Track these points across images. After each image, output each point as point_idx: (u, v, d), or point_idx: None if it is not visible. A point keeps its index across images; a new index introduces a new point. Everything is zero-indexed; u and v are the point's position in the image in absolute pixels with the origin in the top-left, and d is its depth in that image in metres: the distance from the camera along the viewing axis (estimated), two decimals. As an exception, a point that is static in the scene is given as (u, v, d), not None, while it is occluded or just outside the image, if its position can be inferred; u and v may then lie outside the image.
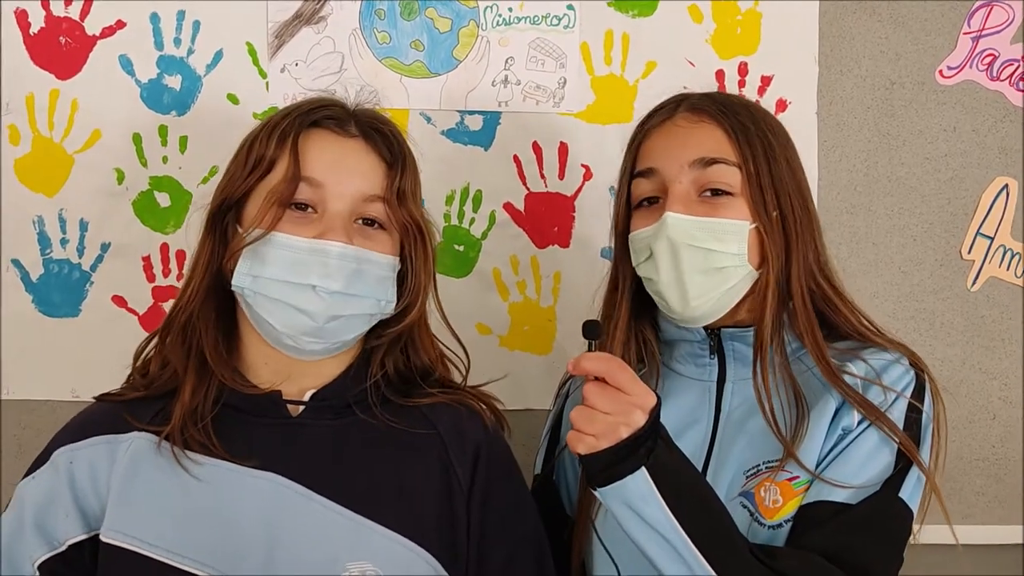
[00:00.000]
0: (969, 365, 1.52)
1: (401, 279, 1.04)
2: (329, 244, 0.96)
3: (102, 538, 0.95)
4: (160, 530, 0.94)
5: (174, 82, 1.40)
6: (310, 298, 0.96)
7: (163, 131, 1.40)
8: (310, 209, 0.99)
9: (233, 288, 0.99)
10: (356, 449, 1.00)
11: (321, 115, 1.02)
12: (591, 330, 0.93)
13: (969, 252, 1.51)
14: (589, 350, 0.93)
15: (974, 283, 1.52)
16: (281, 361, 1.01)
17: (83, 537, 0.96)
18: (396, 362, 1.07)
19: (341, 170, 0.99)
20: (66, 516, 0.96)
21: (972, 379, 1.52)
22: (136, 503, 0.96)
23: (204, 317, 1.01)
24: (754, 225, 1.03)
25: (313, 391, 1.02)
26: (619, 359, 0.92)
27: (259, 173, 0.99)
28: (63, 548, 0.96)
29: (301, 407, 1.01)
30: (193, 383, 1.00)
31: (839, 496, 0.96)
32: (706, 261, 1.02)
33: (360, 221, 1.00)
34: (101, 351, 1.39)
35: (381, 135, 1.03)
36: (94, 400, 1.05)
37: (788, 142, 1.08)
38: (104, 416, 1.01)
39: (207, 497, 0.96)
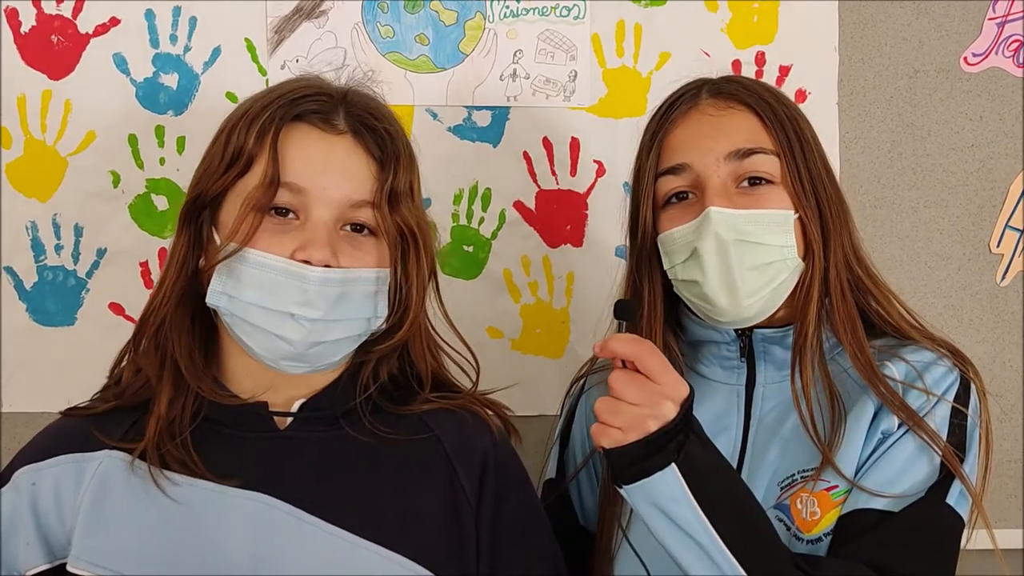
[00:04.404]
0: (999, 363, 1.47)
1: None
2: (309, 269, 0.88)
3: (69, 568, 0.88)
4: (134, 558, 0.87)
5: (171, 81, 1.36)
6: (289, 325, 0.89)
7: (160, 132, 1.36)
8: (291, 215, 0.91)
9: (208, 305, 0.92)
10: (350, 464, 0.93)
11: (305, 107, 0.93)
12: (623, 310, 0.87)
13: (998, 245, 1.47)
14: (619, 331, 0.86)
15: (1003, 277, 1.47)
16: (265, 372, 0.94)
17: (45, 567, 0.90)
18: (391, 369, 1.00)
19: (326, 173, 0.91)
20: (27, 544, 0.90)
21: (1003, 377, 1.47)
22: (107, 529, 0.89)
23: (178, 324, 0.94)
24: (797, 215, 0.97)
25: (302, 400, 0.95)
26: (651, 343, 0.85)
27: (236, 171, 0.91)
28: None
29: (288, 419, 0.94)
30: (169, 394, 0.92)
31: (880, 504, 0.90)
32: (756, 256, 0.96)
33: (348, 227, 0.93)
34: (98, 361, 1.27)
35: (372, 131, 0.94)
36: (60, 415, 0.98)
37: (811, 128, 1.03)
38: (71, 432, 0.94)
39: (186, 521, 0.88)
